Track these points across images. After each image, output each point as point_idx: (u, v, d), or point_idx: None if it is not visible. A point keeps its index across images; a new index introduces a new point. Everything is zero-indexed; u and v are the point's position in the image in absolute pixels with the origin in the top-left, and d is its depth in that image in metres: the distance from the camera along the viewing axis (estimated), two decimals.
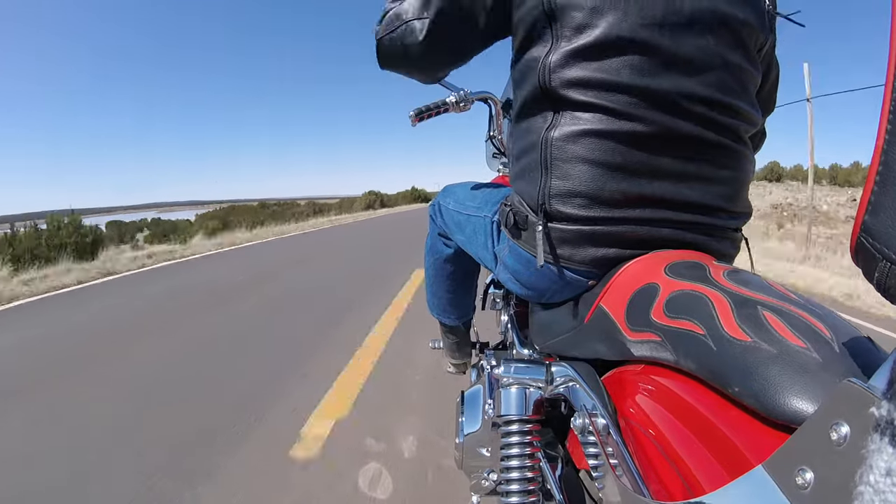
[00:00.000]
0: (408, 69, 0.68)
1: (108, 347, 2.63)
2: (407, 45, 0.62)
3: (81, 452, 1.52)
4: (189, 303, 3.72)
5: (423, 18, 0.59)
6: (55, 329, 3.09)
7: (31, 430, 1.70)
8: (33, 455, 1.52)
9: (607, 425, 0.41)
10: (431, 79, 0.74)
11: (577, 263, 0.53)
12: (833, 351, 0.29)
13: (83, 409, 1.85)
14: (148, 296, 4.09)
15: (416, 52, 0.62)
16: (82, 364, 2.37)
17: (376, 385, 2.00)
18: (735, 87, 0.53)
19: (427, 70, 0.69)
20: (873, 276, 0.23)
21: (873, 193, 0.22)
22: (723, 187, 0.54)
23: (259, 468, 1.41)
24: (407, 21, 0.60)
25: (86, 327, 3.11)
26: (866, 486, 0.17)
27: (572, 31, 0.51)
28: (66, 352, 2.59)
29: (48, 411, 1.84)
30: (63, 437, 1.63)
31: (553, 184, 0.52)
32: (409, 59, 0.64)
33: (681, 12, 0.50)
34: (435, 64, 0.67)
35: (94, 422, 1.74)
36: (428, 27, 0.59)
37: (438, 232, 1.01)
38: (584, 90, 0.50)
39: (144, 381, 2.11)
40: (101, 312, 3.55)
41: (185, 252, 7.30)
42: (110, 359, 2.44)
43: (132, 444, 1.56)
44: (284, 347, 2.52)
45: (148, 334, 2.85)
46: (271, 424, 1.67)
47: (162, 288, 4.44)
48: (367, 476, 1.35)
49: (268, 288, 4.18)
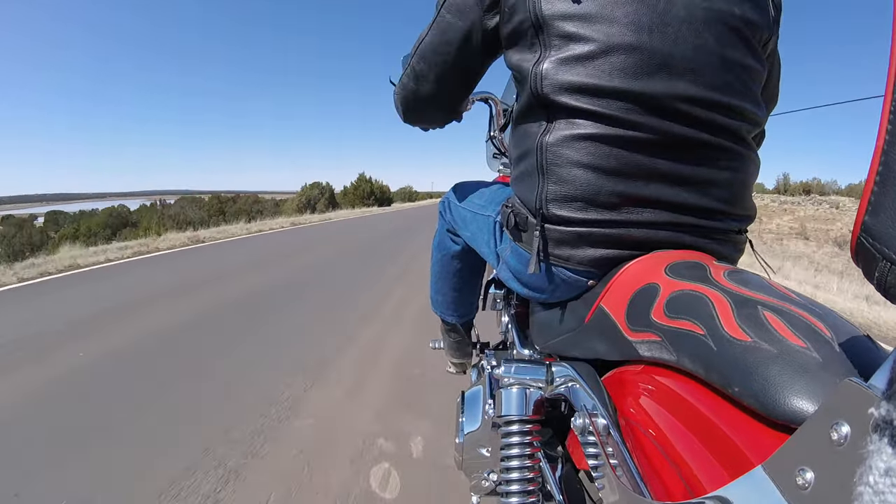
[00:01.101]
0: (429, 113, 0.76)
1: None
2: (419, 96, 0.70)
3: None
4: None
5: (426, 74, 0.67)
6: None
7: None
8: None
9: (607, 425, 0.41)
10: (452, 113, 0.79)
11: (577, 264, 0.53)
12: (833, 350, 0.29)
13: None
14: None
15: (429, 96, 0.70)
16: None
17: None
18: (736, 86, 0.53)
19: (444, 107, 0.75)
20: (873, 276, 0.23)
21: (873, 194, 0.22)
22: (723, 190, 0.53)
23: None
24: (416, 77, 0.68)
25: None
26: (866, 487, 0.17)
27: (561, 39, 0.51)
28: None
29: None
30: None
31: (550, 188, 0.52)
32: (426, 104, 0.72)
33: (672, 13, 0.50)
34: (450, 100, 0.73)
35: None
36: (435, 73, 0.66)
37: (447, 228, 1.02)
38: (577, 96, 0.50)
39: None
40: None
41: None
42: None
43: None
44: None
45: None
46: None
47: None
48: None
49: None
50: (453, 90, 0.70)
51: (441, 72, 0.66)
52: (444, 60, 0.65)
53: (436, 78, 0.67)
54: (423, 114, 0.75)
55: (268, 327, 2.83)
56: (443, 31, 0.63)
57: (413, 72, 0.68)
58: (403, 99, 0.73)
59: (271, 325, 2.88)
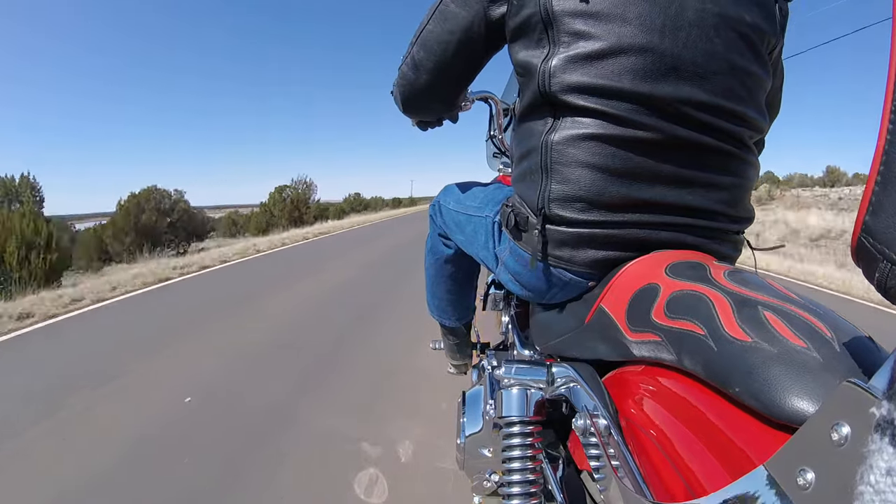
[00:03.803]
0: (427, 105, 0.74)
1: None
2: (417, 86, 0.69)
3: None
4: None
5: (425, 64, 0.65)
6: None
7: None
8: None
9: (608, 426, 0.41)
10: (451, 106, 0.79)
11: (577, 265, 0.53)
12: (834, 351, 0.29)
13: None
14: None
15: (428, 86, 0.68)
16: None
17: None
18: (742, 93, 0.52)
19: (444, 99, 0.74)
20: (874, 277, 0.23)
21: (874, 193, 0.22)
22: (724, 193, 0.53)
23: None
24: (415, 66, 0.67)
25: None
26: (867, 486, 0.17)
27: (571, 36, 0.51)
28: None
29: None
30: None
31: (553, 188, 0.52)
32: (425, 95, 0.70)
33: (684, 16, 0.49)
34: (449, 91, 0.72)
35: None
36: (434, 63, 0.65)
37: (438, 232, 1.01)
38: (585, 95, 0.50)
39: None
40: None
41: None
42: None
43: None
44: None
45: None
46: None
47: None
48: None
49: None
50: (452, 82, 0.69)
51: (441, 62, 0.64)
52: (445, 50, 0.63)
53: (435, 68, 0.65)
54: (422, 105, 0.74)
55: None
56: (445, 20, 0.61)
57: (413, 60, 0.67)
58: (402, 89, 0.71)
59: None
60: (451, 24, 0.61)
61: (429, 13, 0.64)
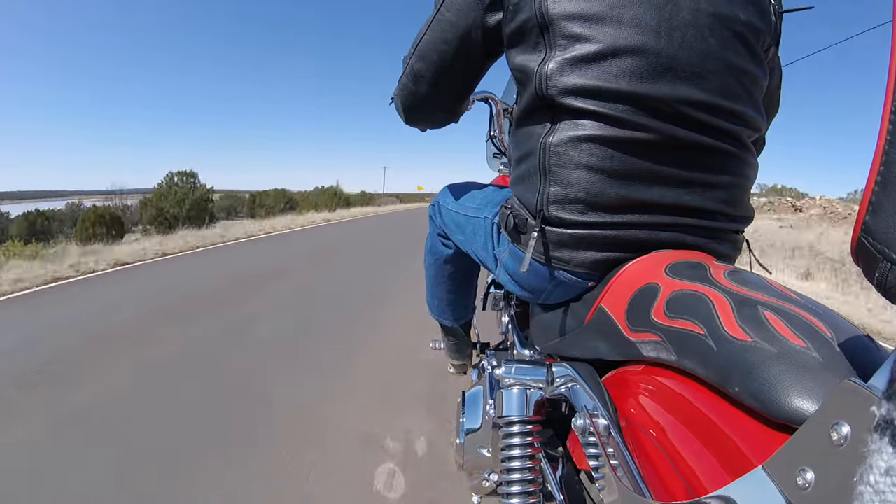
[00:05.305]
0: (430, 114, 0.74)
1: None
2: (419, 96, 0.69)
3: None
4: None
5: (425, 74, 0.66)
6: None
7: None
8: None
9: (608, 426, 0.41)
10: (454, 114, 0.78)
11: (577, 266, 0.53)
12: (833, 350, 0.29)
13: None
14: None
15: (429, 96, 0.69)
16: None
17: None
18: (739, 91, 0.53)
19: (446, 107, 0.74)
20: (874, 277, 0.23)
21: (874, 193, 0.22)
22: (723, 192, 0.53)
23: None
24: (415, 77, 0.67)
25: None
26: (866, 486, 0.17)
27: (567, 39, 0.51)
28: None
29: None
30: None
31: (552, 190, 0.52)
32: (427, 105, 0.71)
33: (679, 16, 0.49)
34: (451, 100, 0.73)
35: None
36: (433, 73, 0.65)
37: (438, 232, 1.01)
38: (582, 98, 0.50)
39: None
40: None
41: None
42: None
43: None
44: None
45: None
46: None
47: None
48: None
49: None
50: (453, 90, 0.70)
51: (440, 72, 0.65)
52: (443, 60, 0.63)
53: (435, 78, 0.66)
54: (425, 114, 0.75)
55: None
56: (442, 30, 0.62)
57: (412, 71, 0.67)
58: (403, 100, 0.72)
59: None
60: (448, 33, 0.61)
61: (426, 24, 0.64)
